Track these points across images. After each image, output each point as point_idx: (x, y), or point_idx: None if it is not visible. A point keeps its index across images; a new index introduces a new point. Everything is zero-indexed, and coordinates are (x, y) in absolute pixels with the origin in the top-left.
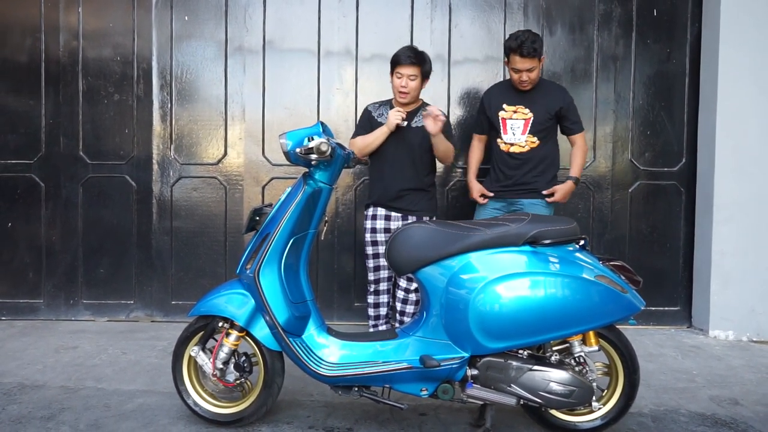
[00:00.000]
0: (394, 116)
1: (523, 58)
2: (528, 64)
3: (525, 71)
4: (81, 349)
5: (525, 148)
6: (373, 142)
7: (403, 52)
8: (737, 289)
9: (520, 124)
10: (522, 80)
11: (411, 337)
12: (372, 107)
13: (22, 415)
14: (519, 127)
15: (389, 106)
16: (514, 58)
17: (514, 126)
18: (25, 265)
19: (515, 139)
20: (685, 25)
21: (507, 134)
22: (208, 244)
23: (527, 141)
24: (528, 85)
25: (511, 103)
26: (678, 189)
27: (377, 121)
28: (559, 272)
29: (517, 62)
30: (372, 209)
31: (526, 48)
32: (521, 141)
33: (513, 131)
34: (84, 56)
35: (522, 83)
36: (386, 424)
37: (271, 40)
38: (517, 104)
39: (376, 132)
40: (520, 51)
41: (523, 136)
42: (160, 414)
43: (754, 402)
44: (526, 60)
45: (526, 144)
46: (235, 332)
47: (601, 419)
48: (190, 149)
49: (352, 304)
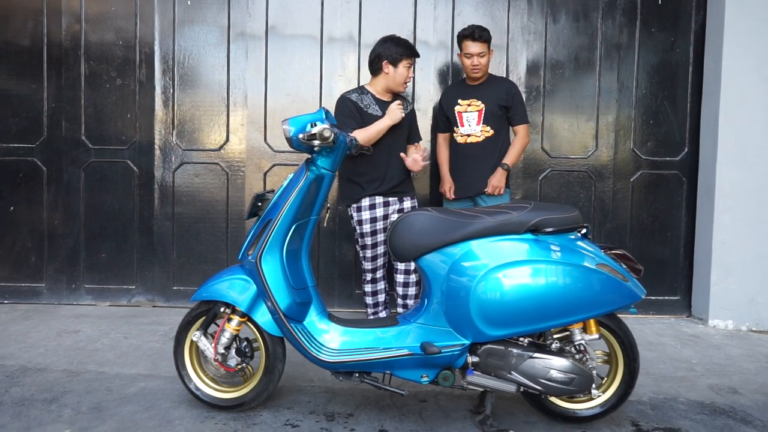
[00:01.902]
0: (400, 111)
1: (474, 41)
2: (478, 48)
3: (476, 55)
4: (83, 333)
5: (480, 138)
6: (377, 136)
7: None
8: (737, 278)
9: (474, 115)
10: (474, 65)
11: (412, 324)
12: (354, 97)
13: (25, 397)
14: (474, 119)
15: (370, 97)
16: (466, 43)
17: (469, 118)
18: (27, 249)
19: (471, 130)
20: (689, 14)
21: (464, 126)
22: (209, 230)
23: (482, 131)
24: (479, 72)
25: (464, 97)
26: (680, 178)
27: (367, 113)
28: (561, 260)
29: (469, 46)
30: (369, 199)
31: (477, 33)
32: (476, 131)
33: (468, 123)
34: (86, 40)
35: (474, 68)
36: (386, 410)
37: (273, 26)
38: (470, 98)
39: (378, 125)
40: (471, 36)
41: (478, 126)
42: (162, 398)
43: (753, 391)
44: (477, 43)
45: (482, 134)
46: (237, 317)
47: (600, 407)
48: (192, 135)
49: (353, 291)
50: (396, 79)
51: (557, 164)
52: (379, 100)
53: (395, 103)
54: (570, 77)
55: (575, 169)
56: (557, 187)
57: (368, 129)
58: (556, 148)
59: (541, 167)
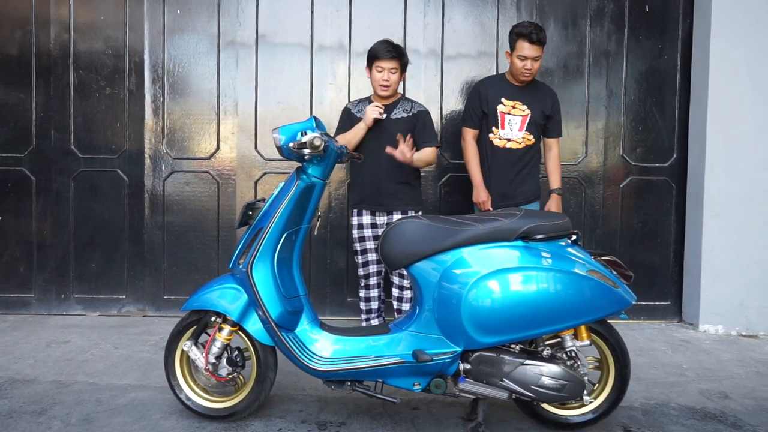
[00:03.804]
0: (372, 111)
1: (532, 44)
2: (536, 51)
3: (531, 59)
4: (72, 343)
5: (521, 145)
6: (352, 139)
7: (382, 47)
8: (727, 283)
9: (517, 120)
10: (526, 68)
11: (403, 332)
12: (351, 105)
13: (13, 409)
14: (516, 123)
15: (368, 102)
16: (522, 44)
17: (512, 121)
18: (16, 259)
19: (512, 135)
20: (676, 21)
21: (504, 129)
22: (200, 239)
23: (524, 138)
24: (529, 76)
25: (509, 97)
26: (669, 184)
27: (357, 118)
28: (551, 267)
29: (525, 48)
30: (356, 211)
31: (535, 34)
32: (518, 137)
33: (510, 127)
34: (75, 49)
35: (525, 72)
36: (379, 419)
37: (263, 35)
38: (515, 99)
39: (354, 129)
40: (529, 37)
41: (520, 132)
42: (153, 408)
43: (743, 395)
44: (535, 47)
45: (523, 141)
46: (228, 327)
47: (592, 413)
48: (182, 143)
49: (345, 299)
50: (372, 83)
51: None
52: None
53: (372, 104)
54: (559, 84)
55: (565, 175)
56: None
57: (346, 134)
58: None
59: None
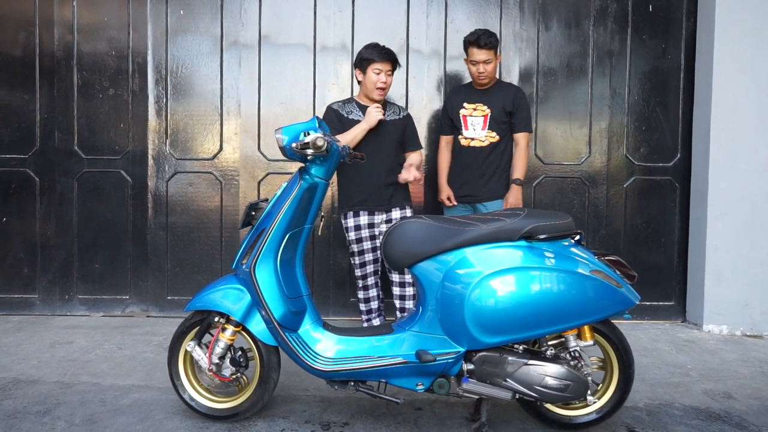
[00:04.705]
0: (376, 113)
1: (480, 49)
2: (485, 55)
3: (482, 62)
4: (76, 344)
5: (485, 143)
6: (354, 140)
7: (378, 49)
8: (731, 283)
9: (479, 120)
10: (480, 72)
11: (407, 332)
12: (337, 106)
13: (17, 410)
14: (479, 123)
15: (354, 104)
16: (472, 50)
17: (474, 122)
18: (20, 260)
19: (476, 134)
20: (680, 21)
21: (468, 130)
22: (203, 240)
23: (487, 136)
24: (486, 79)
25: (470, 101)
26: (673, 184)
27: (348, 119)
28: (555, 267)
29: (476, 53)
30: (352, 213)
31: (483, 39)
32: (481, 136)
33: (473, 127)
34: (79, 50)
35: (480, 76)
36: (382, 419)
37: (266, 35)
38: (476, 102)
39: (355, 129)
40: (477, 43)
41: (483, 131)
42: (156, 409)
43: (748, 396)
44: (483, 51)
45: (486, 138)
46: (231, 327)
47: (596, 413)
48: (185, 144)
49: (348, 299)
50: (367, 85)
51: (551, 171)
52: (363, 106)
53: (373, 105)
54: (562, 84)
55: (569, 175)
56: (551, 193)
57: (347, 133)
58: (549, 155)
59: (535, 174)
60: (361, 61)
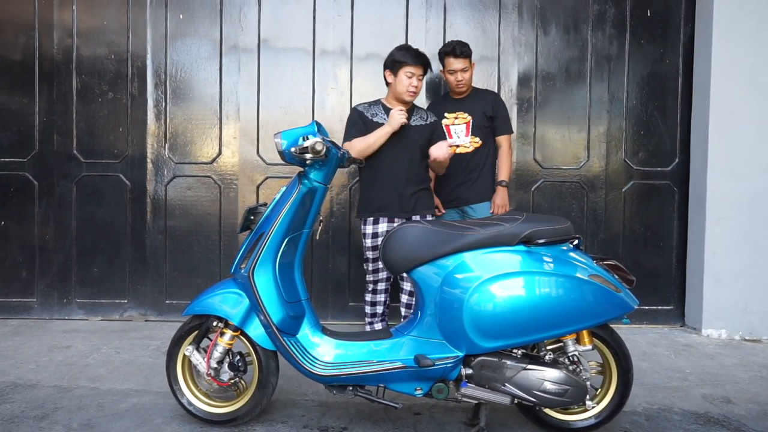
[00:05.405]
0: (399, 116)
1: (456, 58)
2: (461, 63)
3: (460, 71)
4: (74, 348)
5: (470, 149)
6: (375, 143)
7: (412, 52)
8: (730, 288)
9: (462, 128)
10: (458, 80)
11: (405, 337)
12: (362, 107)
13: (15, 414)
14: (462, 131)
15: (380, 107)
16: (449, 60)
17: (457, 130)
18: (18, 263)
19: (460, 141)
20: (678, 25)
21: (452, 138)
22: (202, 244)
23: (471, 142)
24: (464, 87)
25: (450, 110)
26: (671, 188)
27: (372, 122)
28: (553, 272)
29: (452, 63)
30: (372, 219)
31: (458, 49)
32: (466, 142)
33: (457, 134)
34: (78, 54)
35: (459, 84)
36: (381, 424)
37: (266, 39)
38: (456, 111)
39: (378, 132)
40: (453, 53)
41: (467, 137)
42: (154, 413)
43: (747, 400)
44: (459, 59)
45: (471, 144)
46: (230, 331)
47: (595, 418)
48: (184, 148)
49: (347, 304)
50: (397, 88)
51: (549, 175)
52: (389, 109)
53: (396, 108)
54: (561, 88)
55: (567, 179)
56: (550, 198)
57: (368, 136)
58: (548, 159)
59: (534, 178)
60: (393, 63)
